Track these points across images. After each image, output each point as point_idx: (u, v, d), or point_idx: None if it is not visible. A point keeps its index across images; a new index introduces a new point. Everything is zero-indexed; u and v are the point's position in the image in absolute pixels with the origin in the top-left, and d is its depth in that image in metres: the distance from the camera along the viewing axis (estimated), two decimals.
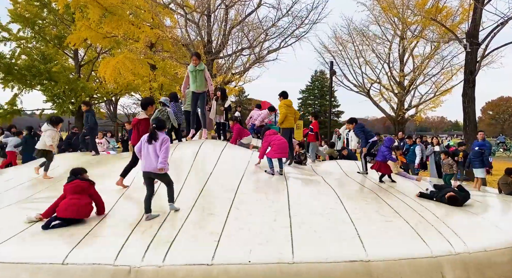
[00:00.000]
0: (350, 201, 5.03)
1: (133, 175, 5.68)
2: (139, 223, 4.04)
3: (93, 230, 3.87)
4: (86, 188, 4.34)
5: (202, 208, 4.44)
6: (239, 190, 5.12)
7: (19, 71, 19.31)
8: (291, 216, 4.24)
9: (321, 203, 4.82)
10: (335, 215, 4.40)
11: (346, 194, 5.40)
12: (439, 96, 24.05)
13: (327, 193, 5.36)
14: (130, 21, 16.91)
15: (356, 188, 6.12)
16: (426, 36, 21.93)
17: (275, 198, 4.89)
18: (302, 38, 14.34)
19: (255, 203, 4.69)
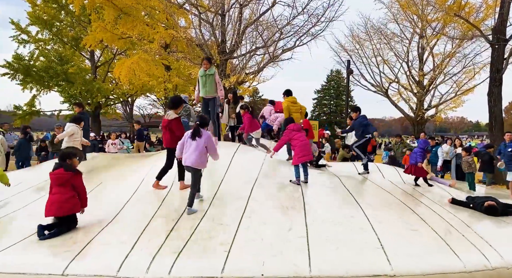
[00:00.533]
0: (370, 207, 4.68)
1: (139, 180, 5.48)
2: (145, 230, 3.81)
3: (97, 237, 3.68)
4: (68, 179, 4.03)
5: (212, 217, 4.18)
6: (251, 197, 4.81)
7: (37, 73, 19.67)
8: (308, 225, 3.93)
9: (339, 210, 4.49)
10: (355, 223, 4.08)
11: (366, 199, 5.05)
12: (460, 96, 23.18)
13: (345, 198, 5.03)
14: (144, 22, 16.92)
15: (376, 192, 5.72)
16: (447, 33, 21.20)
17: (290, 205, 4.57)
18: (318, 37, 13.94)
19: (268, 211, 4.38)
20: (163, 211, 4.41)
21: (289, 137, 5.98)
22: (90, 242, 3.53)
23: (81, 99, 21.01)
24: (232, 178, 5.49)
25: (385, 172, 7.23)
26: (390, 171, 7.30)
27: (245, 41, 14.91)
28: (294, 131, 5.98)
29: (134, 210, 4.58)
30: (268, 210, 4.38)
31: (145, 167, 6.34)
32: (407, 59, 23.50)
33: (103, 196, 5.16)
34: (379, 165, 7.89)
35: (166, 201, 4.79)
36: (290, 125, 6.10)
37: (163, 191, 5.09)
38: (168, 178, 5.48)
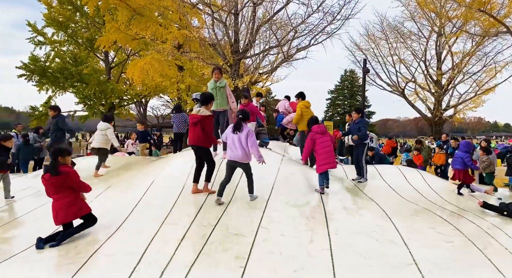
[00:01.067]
0: (398, 216, 4.29)
1: (149, 183, 5.23)
2: (154, 239, 3.54)
3: (102, 247, 3.43)
4: (62, 183, 3.72)
5: (226, 226, 3.85)
6: (268, 205, 4.47)
7: (52, 74, 19.86)
8: (330, 236, 3.58)
9: (364, 219, 4.13)
10: (383, 234, 3.70)
11: (392, 207, 4.66)
12: (480, 96, 22.38)
13: (369, 206, 4.65)
14: (157, 22, 16.88)
15: (401, 199, 5.32)
16: (468, 31, 20.46)
17: (310, 214, 4.23)
18: (334, 35, 13.56)
19: (287, 220, 4.03)
20: (174, 216, 4.15)
21: (313, 141, 5.49)
22: (95, 253, 3.28)
23: (96, 100, 21.13)
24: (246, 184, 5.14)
25: (407, 174, 6.74)
26: (411, 173, 6.83)
27: (259, 40, 14.65)
28: (318, 134, 5.51)
29: (142, 215, 4.33)
30: (286, 219, 4.04)
31: (156, 169, 6.12)
32: (424, 58, 22.86)
33: (111, 200, 4.93)
34: (401, 167, 7.39)
35: (177, 206, 4.52)
36: (314, 127, 5.62)
37: (174, 196, 4.81)
38: (179, 181, 5.23)
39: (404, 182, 6.36)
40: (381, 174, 6.69)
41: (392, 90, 24.37)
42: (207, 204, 4.55)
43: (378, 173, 6.74)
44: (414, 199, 5.29)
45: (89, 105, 21.39)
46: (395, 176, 6.58)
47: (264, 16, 14.21)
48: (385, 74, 24.05)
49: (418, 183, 6.24)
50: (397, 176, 6.60)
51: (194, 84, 18.29)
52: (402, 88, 23.70)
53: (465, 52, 21.30)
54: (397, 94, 24.27)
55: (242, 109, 5.17)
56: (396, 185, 6.06)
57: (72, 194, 3.79)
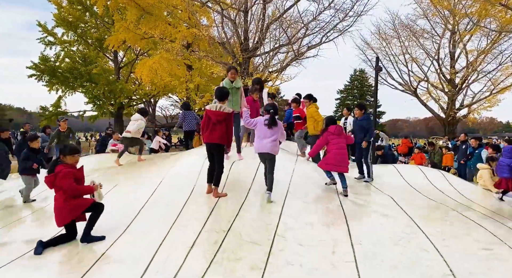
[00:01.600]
0: (426, 221, 3.94)
1: (155, 184, 4.99)
2: (162, 244, 3.29)
3: (107, 252, 3.19)
4: (52, 182, 3.56)
5: (239, 233, 3.55)
6: (284, 211, 4.13)
7: (62, 74, 19.91)
8: (354, 245, 3.27)
9: (389, 226, 3.80)
10: (411, 241, 3.37)
11: (418, 211, 4.30)
12: (495, 95, 21.77)
13: (393, 210, 4.29)
14: (166, 21, 16.74)
15: (426, 201, 4.94)
16: (484, 28, 19.89)
17: (330, 221, 3.89)
18: (345, 33, 13.21)
19: (305, 228, 3.70)
20: (184, 219, 3.90)
21: (326, 141, 5.31)
22: (99, 260, 3.04)
23: (105, 100, 21.13)
24: (260, 188, 4.83)
25: (429, 174, 6.33)
26: (433, 174, 6.43)
27: (269, 38, 14.37)
28: (333, 135, 5.31)
29: (150, 216, 4.10)
30: (304, 227, 3.72)
31: (165, 168, 5.89)
32: (437, 57, 22.33)
33: (117, 199, 4.70)
34: (422, 168, 6.96)
35: (186, 207, 4.24)
36: (331, 128, 5.39)
37: (183, 196, 4.56)
38: (189, 180, 4.96)
39: (426, 182, 5.96)
40: (402, 174, 6.30)
41: (404, 89, 23.90)
42: (219, 206, 4.27)
43: (399, 172, 6.34)
44: (440, 201, 4.93)
45: (98, 105, 21.40)
46: (416, 176, 6.18)
47: (274, 14, 13.94)
48: (397, 73, 23.61)
49: (442, 183, 5.86)
50: (418, 176, 6.21)
51: (203, 83, 18.12)
52: (415, 88, 23.21)
53: (480, 50, 20.70)
54: (409, 94, 23.80)
55: (273, 104, 5.36)
56: (419, 186, 5.69)
57: (64, 195, 3.56)
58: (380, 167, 6.93)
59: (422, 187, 5.65)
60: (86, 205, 3.61)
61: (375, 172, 6.17)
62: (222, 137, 4.64)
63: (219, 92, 4.90)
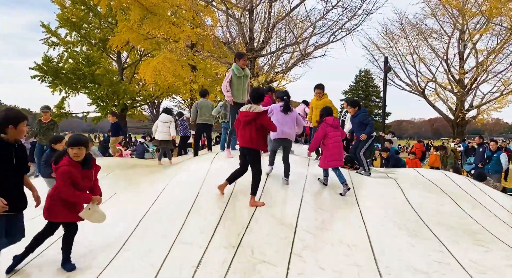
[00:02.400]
0: (457, 244, 3.44)
1: (156, 193, 4.66)
2: (164, 263, 2.96)
3: (101, 276, 2.86)
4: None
5: (250, 249, 3.18)
6: (299, 224, 3.70)
7: (65, 75, 19.75)
8: (382, 275, 2.83)
9: (416, 249, 3.32)
10: (446, 274, 2.91)
11: (446, 232, 3.76)
12: (506, 95, 21.29)
13: (418, 228, 3.78)
14: (170, 21, 16.51)
15: (456, 218, 4.26)
16: (493, 27, 19.46)
17: (351, 240, 3.43)
18: (354, 32, 12.87)
19: (324, 247, 3.29)
20: (187, 234, 3.53)
21: (324, 133, 5.00)
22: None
23: (108, 101, 20.93)
24: (271, 196, 4.37)
25: (459, 182, 5.63)
26: (463, 181, 5.78)
27: (275, 38, 14.06)
28: (329, 127, 5.02)
29: (150, 231, 3.73)
30: (323, 246, 3.30)
31: (168, 175, 5.55)
32: (446, 57, 21.91)
33: (115, 211, 4.33)
34: (447, 173, 6.30)
35: (190, 219, 3.86)
36: (329, 119, 5.08)
37: (186, 205, 4.19)
38: (193, 187, 4.61)
39: (457, 190, 5.32)
40: (429, 178, 5.65)
41: (411, 90, 23.49)
42: (226, 216, 3.89)
43: (423, 176, 5.75)
44: (469, 215, 4.35)
45: (101, 106, 21.21)
46: (442, 183, 5.53)
47: (279, 13, 13.62)
48: (404, 74, 23.21)
49: (473, 193, 5.21)
50: (444, 183, 5.54)
51: (207, 84, 17.86)
52: (423, 88, 22.78)
53: (491, 49, 20.24)
54: (417, 94, 23.39)
55: (286, 91, 5.64)
56: (450, 190, 5.13)
57: (52, 191, 3.18)
58: (405, 170, 6.37)
59: (452, 190, 5.06)
60: (64, 218, 3.15)
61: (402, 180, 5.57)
62: (253, 140, 4.28)
63: (256, 93, 4.61)
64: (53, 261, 3.09)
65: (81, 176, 3.14)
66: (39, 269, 3.01)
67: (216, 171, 4.95)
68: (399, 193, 4.98)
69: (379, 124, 50.73)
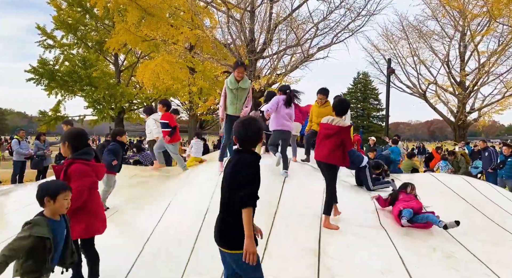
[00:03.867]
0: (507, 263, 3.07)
1: (160, 211, 4.22)
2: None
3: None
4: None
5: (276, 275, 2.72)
6: (323, 248, 3.23)
7: (61, 78, 19.37)
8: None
9: (462, 275, 2.91)
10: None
11: (490, 249, 3.37)
12: (508, 98, 21.09)
13: (458, 249, 3.33)
14: (168, 22, 16.19)
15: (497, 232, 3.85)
16: (495, 28, 19.30)
17: (384, 264, 2.94)
18: (357, 33, 12.58)
19: (355, 274, 2.83)
20: (198, 262, 3.02)
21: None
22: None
23: (105, 104, 20.54)
24: (287, 211, 3.94)
25: (486, 192, 5.14)
26: (489, 190, 5.32)
27: (277, 39, 13.76)
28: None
29: (154, 262, 3.19)
30: (354, 272, 2.83)
31: (172, 189, 5.08)
32: (447, 59, 21.70)
33: (112, 235, 3.87)
34: (468, 179, 5.79)
35: (200, 243, 3.32)
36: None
37: (195, 224, 3.70)
38: (202, 204, 4.19)
39: (486, 201, 4.83)
40: (452, 187, 5.10)
41: (412, 92, 23.27)
42: None
43: (447, 185, 5.18)
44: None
45: (98, 109, 20.81)
46: (464, 188, 5.06)
47: (278, 14, 13.31)
48: (405, 76, 22.99)
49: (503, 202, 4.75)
50: (465, 189, 5.09)
51: (207, 87, 17.51)
52: (424, 91, 22.55)
53: (493, 51, 20.05)
54: (417, 96, 23.16)
55: (288, 85, 6.01)
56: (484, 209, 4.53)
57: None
58: (424, 176, 5.87)
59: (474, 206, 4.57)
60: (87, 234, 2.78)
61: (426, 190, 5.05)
62: (331, 155, 3.93)
63: (341, 105, 4.21)
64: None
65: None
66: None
67: None
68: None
69: (377, 126, 50.57)
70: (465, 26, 20.63)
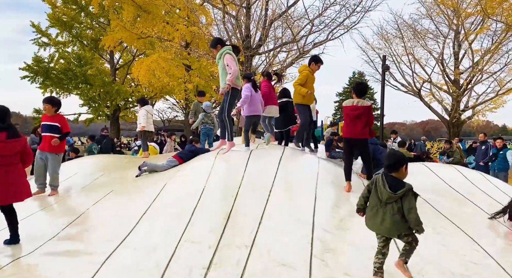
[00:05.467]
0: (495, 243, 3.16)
1: (156, 190, 4.27)
2: (170, 263, 2.55)
3: (97, 275, 2.48)
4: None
5: (266, 250, 2.76)
6: (316, 221, 3.29)
7: (56, 75, 19.26)
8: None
9: (451, 249, 2.97)
10: (490, 276, 2.59)
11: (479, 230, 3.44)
12: (501, 96, 21.33)
13: (448, 227, 3.40)
14: (164, 20, 16.17)
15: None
16: (489, 27, 19.52)
17: (374, 242, 2.84)
18: (352, 29, 12.67)
19: (348, 251, 2.87)
20: (195, 231, 3.13)
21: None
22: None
23: (100, 102, 20.46)
24: (283, 188, 4.07)
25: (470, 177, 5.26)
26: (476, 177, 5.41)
27: (273, 35, 13.81)
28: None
29: (152, 227, 3.31)
30: (346, 249, 2.89)
31: (168, 172, 5.17)
32: (441, 57, 21.88)
33: (111, 208, 3.96)
34: (460, 168, 5.77)
35: (196, 216, 3.43)
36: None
37: (191, 201, 3.75)
38: (197, 184, 4.18)
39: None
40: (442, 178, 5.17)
41: (407, 90, 23.42)
42: (235, 214, 3.48)
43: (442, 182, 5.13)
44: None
45: (93, 107, 20.73)
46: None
47: (274, 11, 13.35)
48: (400, 74, 23.12)
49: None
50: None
51: (202, 84, 17.49)
52: (418, 89, 22.71)
53: (487, 49, 20.26)
54: (412, 95, 23.31)
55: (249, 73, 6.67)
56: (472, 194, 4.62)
57: None
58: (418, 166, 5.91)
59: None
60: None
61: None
62: (362, 131, 4.60)
63: (361, 87, 4.88)
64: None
65: None
66: None
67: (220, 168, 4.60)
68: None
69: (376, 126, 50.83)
70: (459, 25, 20.84)
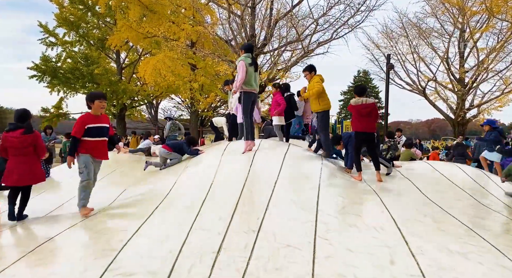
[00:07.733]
0: (483, 229, 3.25)
1: (168, 187, 4.45)
2: (182, 250, 2.69)
3: (113, 263, 2.60)
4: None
5: (272, 234, 2.93)
6: (320, 208, 3.50)
7: (63, 75, 19.54)
8: (416, 256, 2.60)
9: (449, 232, 3.10)
10: (486, 255, 2.70)
11: (469, 215, 3.60)
12: (507, 94, 21.23)
13: (446, 216, 3.55)
14: (170, 19, 16.34)
15: (482, 206, 4.08)
16: (494, 25, 19.45)
17: (375, 222, 3.24)
18: (356, 28, 12.74)
19: (349, 230, 3.08)
20: (204, 220, 3.27)
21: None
22: (106, 271, 2.50)
23: (107, 101, 20.69)
24: (287, 180, 4.25)
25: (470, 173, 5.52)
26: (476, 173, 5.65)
27: (278, 34, 13.91)
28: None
29: (163, 218, 3.47)
30: (348, 228, 3.10)
31: (179, 168, 5.33)
32: (446, 56, 21.83)
33: (125, 201, 4.16)
34: (461, 165, 6.00)
35: (206, 205, 3.61)
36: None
37: (201, 193, 3.95)
38: (207, 177, 4.38)
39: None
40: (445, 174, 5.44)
41: (411, 89, 23.40)
42: (242, 202, 3.68)
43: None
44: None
45: None
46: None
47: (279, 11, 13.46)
48: (405, 73, 23.12)
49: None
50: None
51: (208, 83, 17.66)
52: (423, 87, 22.68)
53: (492, 47, 20.18)
54: (417, 93, 23.30)
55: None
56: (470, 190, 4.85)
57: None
58: (419, 164, 6.10)
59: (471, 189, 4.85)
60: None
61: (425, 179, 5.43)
62: (373, 126, 5.15)
63: (356, 88, 5.51)
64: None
65: None
66: None
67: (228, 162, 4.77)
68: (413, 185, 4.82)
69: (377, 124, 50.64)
70: (464, 23, 20.78)
